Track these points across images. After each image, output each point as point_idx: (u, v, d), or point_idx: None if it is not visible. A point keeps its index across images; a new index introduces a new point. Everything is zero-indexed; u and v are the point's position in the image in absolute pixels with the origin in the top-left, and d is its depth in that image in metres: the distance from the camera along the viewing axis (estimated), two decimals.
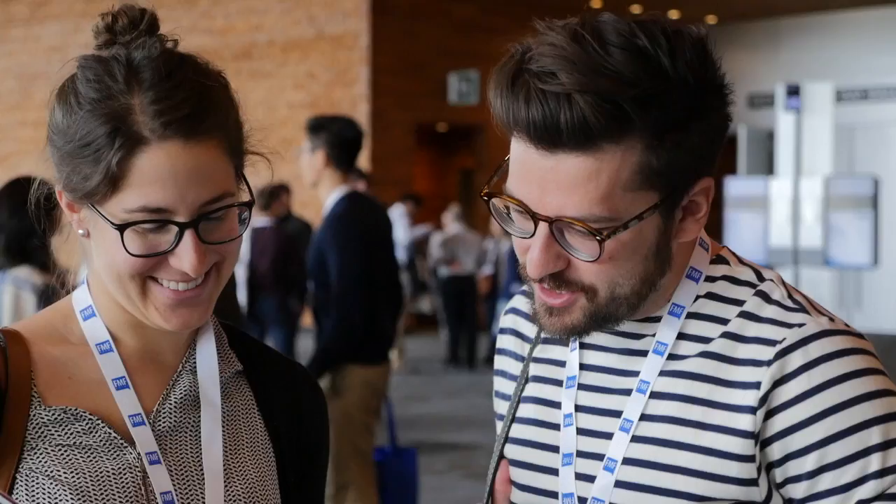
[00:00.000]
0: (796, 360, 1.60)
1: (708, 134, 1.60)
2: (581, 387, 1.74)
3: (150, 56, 1.59)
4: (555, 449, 1.75)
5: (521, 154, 1.58)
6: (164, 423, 1.65)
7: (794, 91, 14.26)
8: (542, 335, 1.82)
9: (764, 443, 1.61)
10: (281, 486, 1.72)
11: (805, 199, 13.88)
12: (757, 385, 1.61)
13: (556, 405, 1.77)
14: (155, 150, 1.55)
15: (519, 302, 1.90)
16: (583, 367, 1.75)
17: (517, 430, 1.80)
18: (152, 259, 1.58)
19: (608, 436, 1.69)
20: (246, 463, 1.69)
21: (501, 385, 1.90)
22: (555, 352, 1.80)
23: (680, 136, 1.57)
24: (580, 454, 1.71)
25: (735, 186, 14.63)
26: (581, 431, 1.72)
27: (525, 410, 1.80)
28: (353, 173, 6.33)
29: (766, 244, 14.01)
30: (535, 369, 1.82)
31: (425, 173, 20.72)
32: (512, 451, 1.80)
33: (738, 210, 14.28)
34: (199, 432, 1.67)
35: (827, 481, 1.59)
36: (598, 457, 1.70)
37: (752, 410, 1.61)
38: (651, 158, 1.56)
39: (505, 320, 1.92)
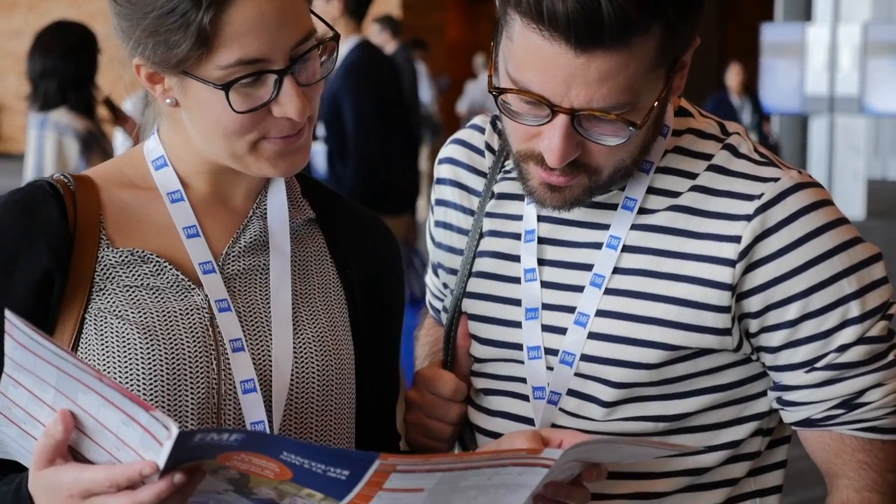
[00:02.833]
0: (776, 214, 1.64)
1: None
2: (543, 241, 1.76)
3: None
4: (515, 302, 1.76)
5: (545, 49, 1.56)
6: (232, 266, 1.67)
7: None
8: (496, 189, 1.83)
9: (741, 295, 1.66)
10: (354, 334, 1.73)
11: (842, 45, 13.69)
12: (737, 239, 1.64)
13: (514, 259, 1.78)
14: (242, 1, 1.54)
15: (455, 151, 1.90)
16: (541, 219, 1.76)
17: (475, 285, 1.82)
18: (258, 114, 1.58)
19: (576, 288, 1.72)
20: (317, 309, 1.70)
21: (446, 237, 1.90)
22: (510, 206, 1.80)
23: (697, 11, 1.59)
24: (546, 307, 1.73)
25: (771, 33, 14.44)
26: (546, 285, 1.74)
27: (482, 265, 1.81)
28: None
29: (802, 92, 13.87)
30: (489, 224, 1.82)
31: (457, 21, 20.49)
32: (471, 305, 1.82)
33: (774, 57, 14.12)
34: (269, 278, 1.68)
35: (808, 328, 1.65)
36: (567, 309, 1.72)
37: (731, 263, 1.65)
38: (671, 38, 1.57)
39: (441, 170, 1.91)
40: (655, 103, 1.60)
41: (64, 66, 4.95)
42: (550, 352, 1.72)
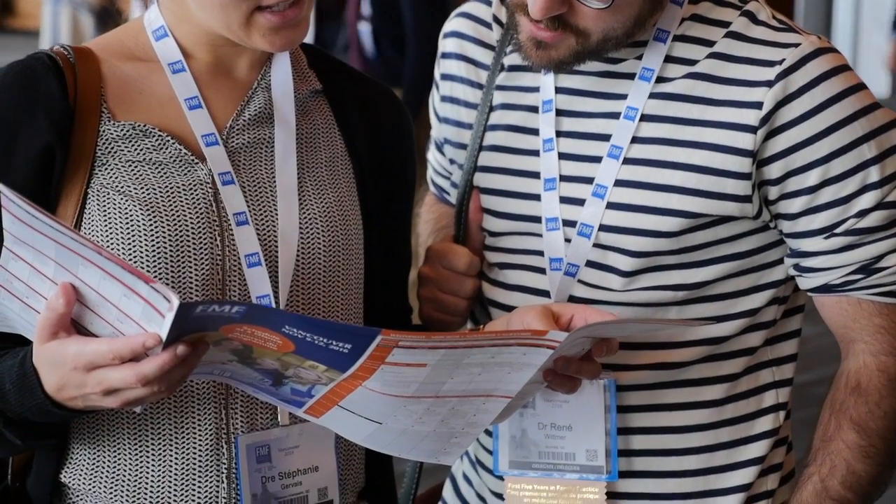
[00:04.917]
0: (798, 79, 1.63)
1: None
2: (559, 112, 1.74)
3: None
4: (532, 175, 1.75)
5: None
6: (237, 139, 1.64)
7: None
8: (506, 62, 1.81)
9: (762, 161, 1.65)
10: (362, 207, 1.71)
11: None
12: (758, 105, 1.64)
13: (529, 131, 1.77)
14: None
15: (461, 24, 1.88)
16: (558, 90, 1.74)
17: (487, 158, 1.80)
18: None
19: (593, 159, 1.71)
20: (323, 182, 1.68)
21: (453, 111, 1.88)
22: (524, 78, 1.78)
23: None
24: (563, 178, 1.73)
25: None
26: (563, 156, 1.73)
27: (495, 138, 1.80)
28: None
29: None
30: (500, 97, 1.81)
31: None
32: (484, 179, 1.81)
33: None
34: (274, 151, 1.65)
35: (828, 194, 1.65)
36: (584, 180, 1.71)
37: (752, 130, 1.64)
38: None
39: (447, 44, 1.89)
40: None
41: None
42: (568, 223, 1.72)
